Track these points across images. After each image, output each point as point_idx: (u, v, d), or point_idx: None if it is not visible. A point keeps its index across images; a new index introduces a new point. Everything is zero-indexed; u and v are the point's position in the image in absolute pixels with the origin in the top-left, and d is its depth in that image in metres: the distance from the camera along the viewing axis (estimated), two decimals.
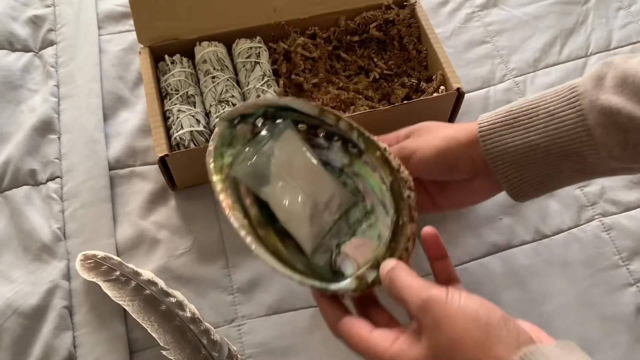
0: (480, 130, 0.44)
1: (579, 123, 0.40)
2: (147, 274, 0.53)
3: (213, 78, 0.61)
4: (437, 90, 0.61)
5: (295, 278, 0.38)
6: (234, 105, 0.59)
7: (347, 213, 0.44)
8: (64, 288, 0.53)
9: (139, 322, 0.49)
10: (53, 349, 0.50)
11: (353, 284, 0.38)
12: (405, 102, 0.60)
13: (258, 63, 0.62)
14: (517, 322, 0.34)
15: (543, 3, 0.76)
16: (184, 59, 0.63)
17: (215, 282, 0.55)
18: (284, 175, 0.43)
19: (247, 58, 0.63)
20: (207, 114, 0.60)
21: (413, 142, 0.47)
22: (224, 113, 0.47)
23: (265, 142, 0.43)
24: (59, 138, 0.63)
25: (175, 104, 0.59)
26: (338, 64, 0.67)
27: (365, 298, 0.40)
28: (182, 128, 0.57)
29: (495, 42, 0.73)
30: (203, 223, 0.57)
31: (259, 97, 0.60)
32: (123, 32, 0.72)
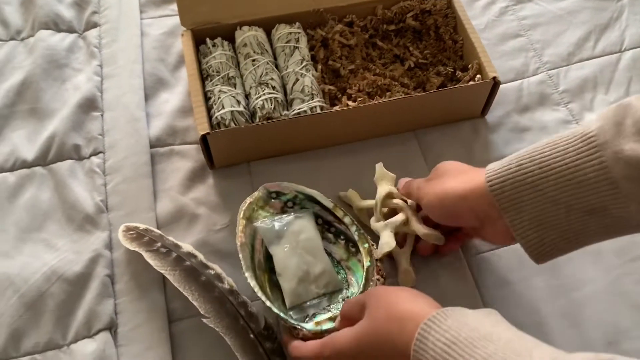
0: (491, 186, 0.43)
1: (603, 176, 0.38)
2: (186, 247, 0.54)
3: (253, 61, 0.63)
4: (473, 79, 0.62)
5: (269, 304, 0.49)
6: (274, 88, 0.61)
7: (332, 294, 0.53)
8: (106, 257, 0.55)
9: (181, 290, 0.51)
10: (95, 315, 0.52)
11: (312, 327, 0.49)
12: (441, 89, 0.61)
13: (297, 47, 0.64)
14: None
15: None
16: (225, 42, 0.65)
17: None
18: (292, 241, 0.53)
19: (286, 43, 0.64)
20: (246, 96, 0.62)
21: (426, 186, 0.49)
22: (265, 186, 0.57)
23: (288, 216, 0.55)
24: (102, 115, 0.65)
25: (217, 85, 0.61)
26: (374, 52, 0.68)
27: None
28: (223, 108, 0.59)
29: (529, 35, 0.73)
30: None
31: (298, 80, 0.61)
32: (163, 16, 0.74)
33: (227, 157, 0.60)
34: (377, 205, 0.55)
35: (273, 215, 0.55)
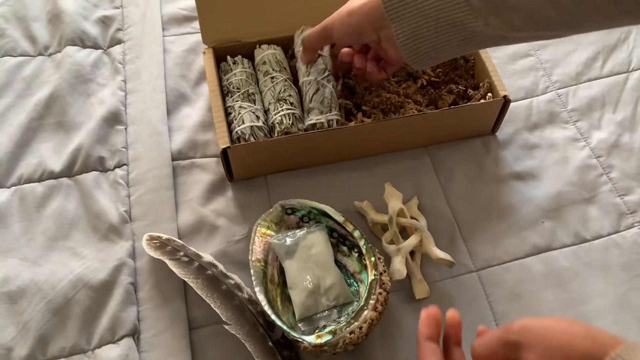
0: (384, 2, 0.50)
1: None
2: (207, 257, 0.56)
3: (272, 78, 0.65)
4: (484, 97, 0.64)
5: (274, 318, 0.51)
6: (292, 104, 0.63)
7: (342, 306, 0.54)
8: (130, 266, 0.57)
9: (203, 298, 0.53)
10: (119, 321, 0.54)
11: (313, 340, 0.50)
12: (453, 107, 0.63)
13: (321, 55, 0.64)
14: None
15: None
16: (245, 60, 0.68)
17: None
18: (303, 255, 0.55)
19: None
20: (265, 111, 0.64)
21: (334, 15, 0.56)
22: (280, 203, 0.59)
23: (300, 231, 0.57)
24: (126, 129, 0.67)
25: (237, 101, 0.63)
26: None
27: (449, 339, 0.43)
28: (243, 123, 0.61)
29: (539, 55, 0.75)
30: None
31: (318, 90, 0.62)
32: (185, 34, 0.77)
33: (246, 170, 0.63)
34: (392, 220, 0.57)
35: (287, 231, 0.57)
